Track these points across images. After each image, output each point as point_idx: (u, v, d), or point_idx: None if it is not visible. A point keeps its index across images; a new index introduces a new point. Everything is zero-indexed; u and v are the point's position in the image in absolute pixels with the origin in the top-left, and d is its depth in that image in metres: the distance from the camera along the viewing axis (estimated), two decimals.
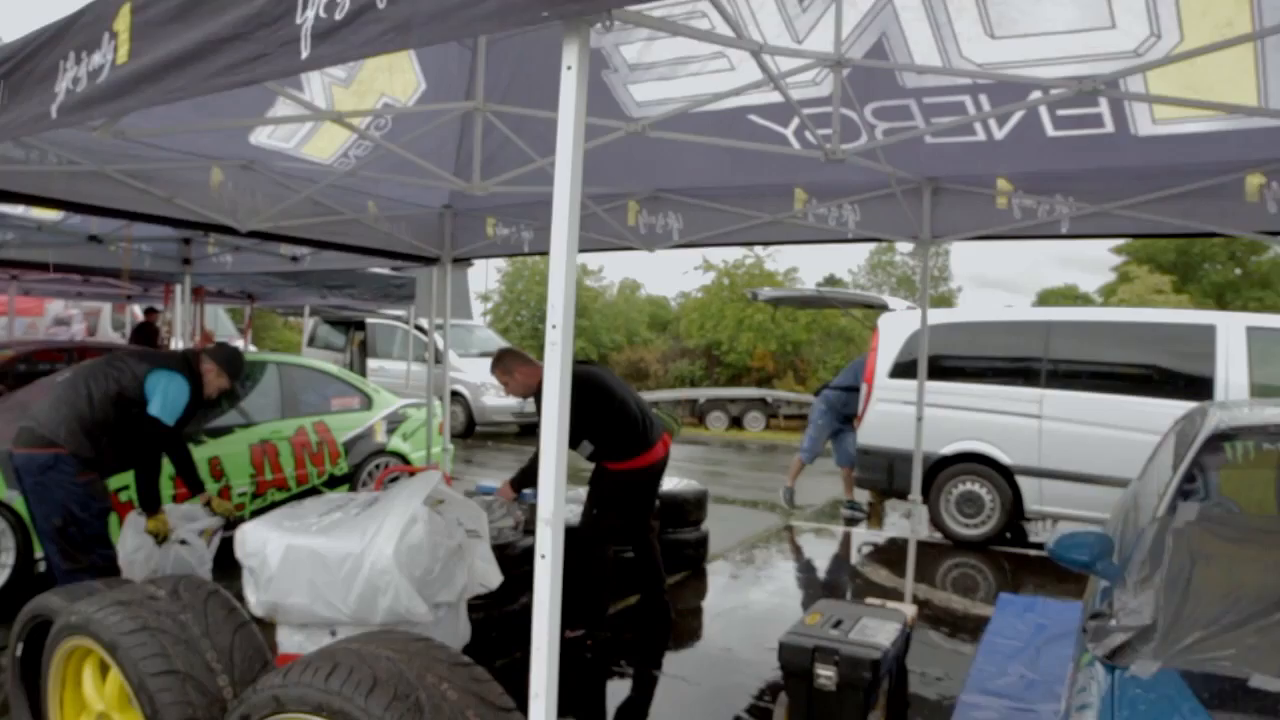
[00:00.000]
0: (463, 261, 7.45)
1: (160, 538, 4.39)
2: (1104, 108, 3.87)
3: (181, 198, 4.91)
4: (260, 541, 3.56)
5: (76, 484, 4.18)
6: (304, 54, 1.98)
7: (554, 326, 1.82)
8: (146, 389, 4.39)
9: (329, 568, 3.43)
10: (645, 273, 64.55)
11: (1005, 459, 7.38)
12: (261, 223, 5.27)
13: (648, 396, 16.97)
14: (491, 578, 3.90)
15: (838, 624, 3.97)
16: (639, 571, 5.32)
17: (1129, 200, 4.38)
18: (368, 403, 7.32)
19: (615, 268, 48.77)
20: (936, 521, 7.70)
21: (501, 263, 23.17)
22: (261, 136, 4.86)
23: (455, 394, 12.66)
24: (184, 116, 4.57)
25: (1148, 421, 6.68)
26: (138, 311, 13.45)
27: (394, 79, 4.74)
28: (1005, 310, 7.86)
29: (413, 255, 6.37)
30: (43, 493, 4.17)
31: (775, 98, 4.58)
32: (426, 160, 5.22)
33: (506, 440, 13.61)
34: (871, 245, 27.44)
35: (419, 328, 13.23)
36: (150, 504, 4.44)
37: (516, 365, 4.99)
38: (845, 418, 8.70)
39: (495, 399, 13.41)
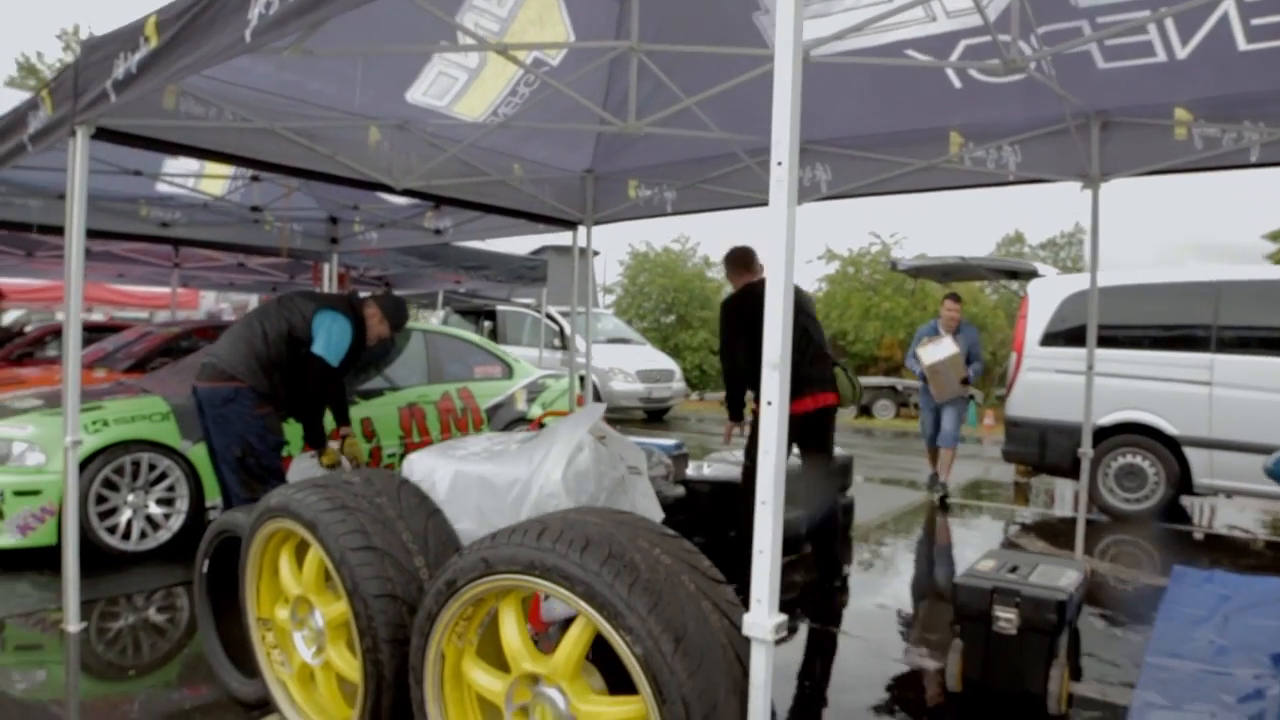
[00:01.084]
0: (596, 252, 7.46)
1: (334, 470, 4.60)
2: None
3: (343, 155, 5.08)
4: (428, 469, 3.59)
5: (254, 416, 4.38)
6: None
7: (779, 163, 1.76)
8: (313, 328, 4.55)
9: (497, 493, 3.43)
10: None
11: (1170, 429, 6.92)
12: (415, 181, 5.40)
13: None
14: (653, 513, 3.84)
15: (1014, 569, 3.78)
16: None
17: None
18: (508, 372, 7.43)
19: None
20: (1094, 496, 7.28)
21: (624, 255, 23.33)
22: (417, 94, 4.98)
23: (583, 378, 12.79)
24: (347, 73, 4.74)
25: None
26: None
27: (544, 31, 4.78)
28: (1168, 271, 7.36)
29: (555, 218, 6.43)
30: (223, 424, 4.38)
31: (935, 29, 4.42)
32: (574, 115, 5.27)
33: (634, 425, 13.61)
34: (998, 236, 26.45)
35: (549, 316, 13.40)
36: (319, 441, 4.61)
37: (735, 267, 5.08)
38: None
39: (623, 384, 13.46)
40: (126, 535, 5.19)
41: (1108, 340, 7.16)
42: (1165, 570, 5.73)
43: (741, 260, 5.08)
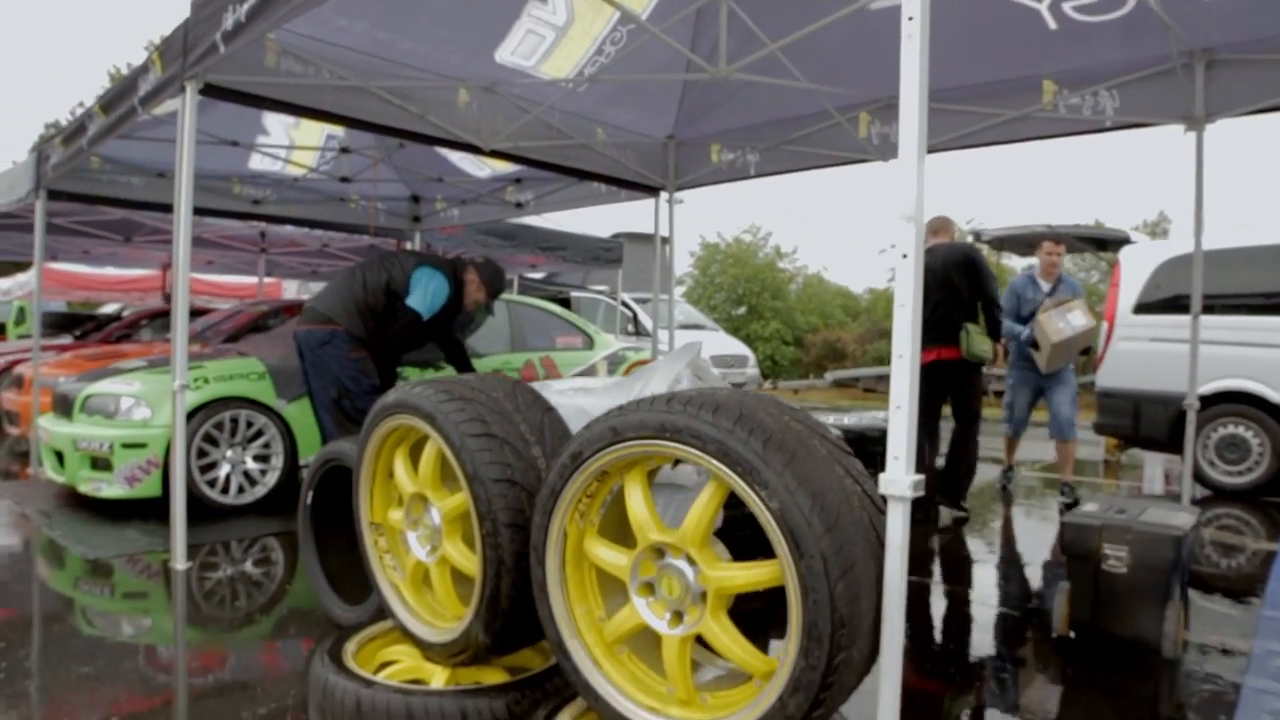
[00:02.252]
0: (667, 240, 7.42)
1: None
2: None
3: (433, 115, 5.17)
4: None
5: (349, 359, 4.51)
6: None
7: (910, 18, 1.73)
8: (411, 282, 4.66)
9: None
10: (833, 258, 63.02)
11: (1277, 397, 6.64)
12: (502, 142, 5.47)
13: (846, 374, 16.55)
14: None
15: (1121, 511, 3.65)
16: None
17: None
18: (589, 343, 7.48)
19: (807, 253, 48.39)
20: (1194, 469, 7.00)
21: (694, 246, 23.23)
22: (505, 54, 5.04)
23: None
24: (439, 32, 4.82)
25: None
26: None
27: None
28: (1271, 233, 7.02)
29: (637, 184, 6.45)
30: (320, 366, 4.50)
31: None
32: (658, 69, 5.28)
33: None
34: (1079, 223, 25.55)
35: (624, 303, 13.45)
36: None
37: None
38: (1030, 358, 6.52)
39: None
40: (225, 490, 5.35)
41: (1206, 307, 6.90)
42: (1272, 538, 5.52)
43: (929, 225, 5.73)
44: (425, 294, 4.71)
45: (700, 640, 1.93)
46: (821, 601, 1.62)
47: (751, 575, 1.79)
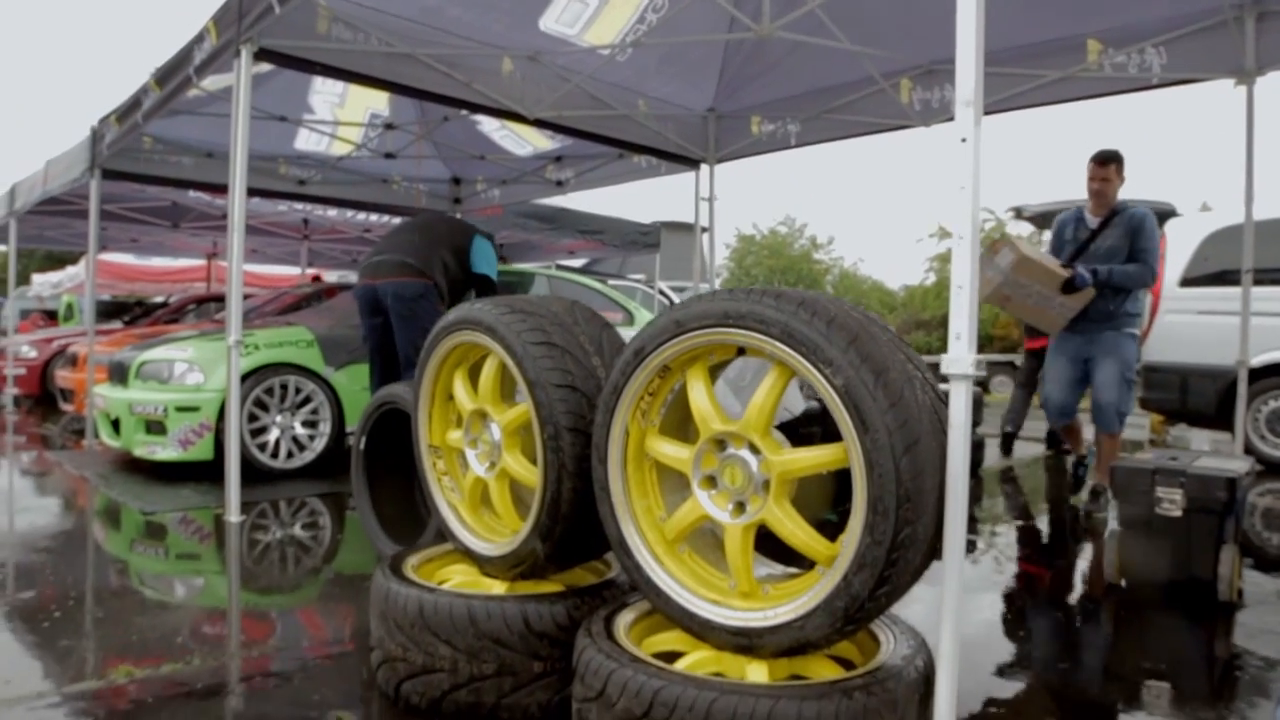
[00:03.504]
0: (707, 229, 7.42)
1: None
2: None
3: (478, 83, 5.24)
4: None
5: (439, 313, 4.63)
6: None
7: None
8: (473, 250, 4.86)
9: None
10: (867, 250, 62.46)
11: None
12: (545, 111, 5.53)
13: None
14: (796, 405, 3.84)
15: (1174, 458, 3.62)
16: None
17: None
18: (630, 319, 7.51)
19: (843, 244, 47.98)
20: (1244, 443, 6.88)
21: (730, 238, 23.18)
22: (549, 22, 5.10)
23: None
24: None
25: None
26: None
27: None
28: None
29: (678, 156, 6.48)
30: (411, 320, 4.61)
31: None
32: (702, 41, 5.31)
33: None
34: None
35: (661, 292, 13.48)
36: None
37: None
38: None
39: None
40: (275, 454, 5.45)
41: (1255, 280, 6.78)
42: None
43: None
44: (488, 260, 4.98)
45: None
46: (887, 475, 1.64)
47: (815, 457, 1.81)
